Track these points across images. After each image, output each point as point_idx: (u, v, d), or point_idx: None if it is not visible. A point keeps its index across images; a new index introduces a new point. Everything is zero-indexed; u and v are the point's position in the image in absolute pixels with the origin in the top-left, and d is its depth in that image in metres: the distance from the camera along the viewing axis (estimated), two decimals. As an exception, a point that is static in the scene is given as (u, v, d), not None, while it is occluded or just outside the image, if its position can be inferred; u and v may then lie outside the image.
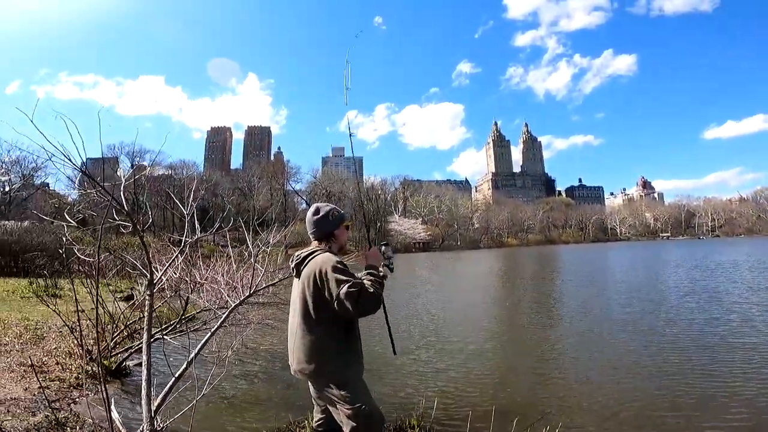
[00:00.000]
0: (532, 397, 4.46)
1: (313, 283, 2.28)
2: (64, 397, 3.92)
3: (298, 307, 2.37)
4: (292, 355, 2.41)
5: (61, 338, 6.38)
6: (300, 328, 2.35)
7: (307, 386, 4.63)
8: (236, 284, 3.85)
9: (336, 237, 2.53)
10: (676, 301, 10.35)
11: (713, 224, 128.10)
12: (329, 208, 2.54)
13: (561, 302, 11.37)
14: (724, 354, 5.81)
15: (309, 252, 2.43)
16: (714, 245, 53.75)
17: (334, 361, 2.31)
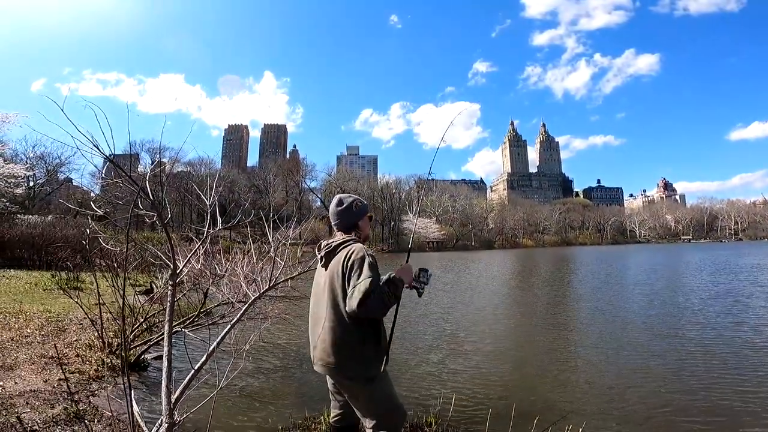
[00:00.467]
0: (551, 399, 4.37)
1: (342, 272, 2.22)
2: (84, 390, 3.94)
3: (326, 298, 2.29)
4: (316, 347, 2.33)
5: (81, 330, 6.48)
6: (327, 319, 2.27)
7: (322, 382, 4.59)
8: (256, 277, 3.80)
9: (360, 228, 2.48)
10: (700, 304, 10.00)
11: (736, 227, 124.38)
12: (352, 198, 2.48)
13: (579, 304, 11.09)
14: (752, 359, 5.62)
15: (342, 241, 2.36)
16: (737, 248, 52.08)
17: (362, 354, 2.23)
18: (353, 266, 2.17)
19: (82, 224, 16.94)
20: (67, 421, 3.19)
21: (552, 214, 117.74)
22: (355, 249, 2.26)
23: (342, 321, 2.22)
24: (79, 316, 7.56)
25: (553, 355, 6.15)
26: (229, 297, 4.26)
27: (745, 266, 21.46)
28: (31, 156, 51.50)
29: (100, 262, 9.25)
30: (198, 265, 3.95)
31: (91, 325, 6.38)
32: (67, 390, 3.69)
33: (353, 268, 2.17)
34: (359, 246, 2.30)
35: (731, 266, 21.63)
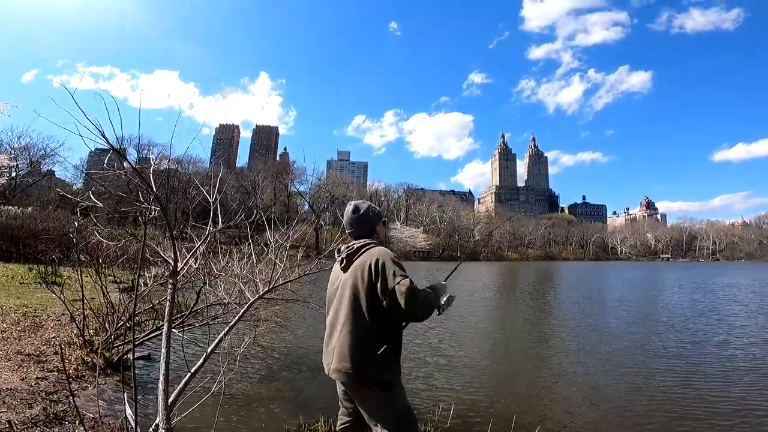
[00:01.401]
0: (549, 410, 4.37)
1: (368, 275, 2.15)
2: (63, 389, 3.71)
3: (346, 302, 2.21)
4: (333, 352, 2.23)
5: (60, 327, 6.20)
6: (347, 324, 2.19)
7: (317, 388, 4.45)
8: (255, 279, 3.67)
9: (377, 233, 2.43)
10: (685, 323, 10.13)
11: (714, 248, 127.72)
12: (367, 205, 2.45)
13: (571, 321, 11.04)
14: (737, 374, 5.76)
15: (363, 243, 2.30)
16: (715, 268, 53.63)
17: (382, 361, 2.15)
18: (384, 269, 2.12)
19: (64, 217, 16.41)
20: (47, 422, 2.99)
21: (537, 229, 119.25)
22: (380, 251, 2.21)
23: (364, 326, 2.15)
24: (57, 311, 7.26)
25: (549, 368, 6.14)
26: (225, 297, 4.11)
27: (724, 285, 22.32)
28: (16, 147, 50.11)
29: (82, 257, 8.94)
30: (196, 264, 3.79)
31: (70, 322, 6.12)
32: (44, 390, 3.49)
33: (384, 270, 2.12)
34: (383, 249, 2.25)
35: (710, 285, 22.28)
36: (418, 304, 2.07)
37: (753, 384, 5.34)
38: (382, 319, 2.16)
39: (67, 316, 6.58)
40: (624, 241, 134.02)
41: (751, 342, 7.93)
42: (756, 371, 5.93)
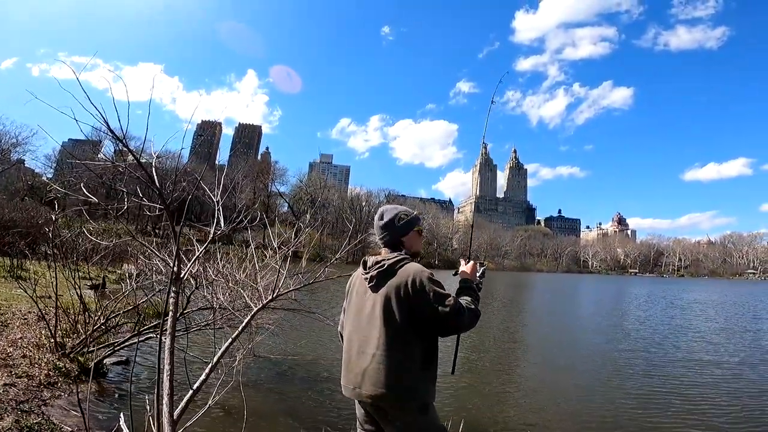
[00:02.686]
0: (559, 419, 4.41)
1: (404, 295, 1.98)
2: (34, 398, 3.38)
3: (379, 325, 2.03)
4: (364, 376, 2.04)
5: (26, 326, 5.75)
6: (384, 349, 2.00)
7: (316, 401, 4.24)
8: (258, 287, 3.45)
9: (404, 244, 2.20)
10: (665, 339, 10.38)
11: (680, 264, 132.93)
12: (396, 211, 2.21)
13: (560, 334, 11.17)
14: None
15: (396, 260, 2.10)
16: (680, 284, 56.12)
17: (421, 383, 2.00)
18: (422, 289, 1.97)
19: (32, 207, 15.54)
20: (20, 437, 2.69)
21: (514, 240, 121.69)
22: (414, 271, 2.03)
23: (404, 351, 1.99)
24: (23, 309, 6.78)
25: (549, 376, 6.22)
26: (219, 302, 3.86)
27: (693, 301, 23.46)
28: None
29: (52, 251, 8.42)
30: (195, 267, 3.55)
31: (38, 321, 5.69)
32: (16, 398, 3.15)
33: (425, 292, 1.97)
34: (416, 266, 2.06)
35: (682, 301, 23.20)
36: (464, 322, 1.98)
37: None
38: (422, 341, 2.02)
39: (33, 314, 6.14)
40: (595, 255, 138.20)
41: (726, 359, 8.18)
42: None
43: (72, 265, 6.50)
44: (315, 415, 4.00)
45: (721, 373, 6.68)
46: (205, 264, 4.07)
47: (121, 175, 54.46)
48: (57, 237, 6.06)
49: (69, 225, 9.29)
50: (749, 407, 5.02)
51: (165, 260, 2.75)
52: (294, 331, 7.49)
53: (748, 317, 14.21)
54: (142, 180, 2.29)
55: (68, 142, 53.02)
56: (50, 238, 5.49)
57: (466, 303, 2.05)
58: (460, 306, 1.97)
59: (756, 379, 6.38)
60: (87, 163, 11.63)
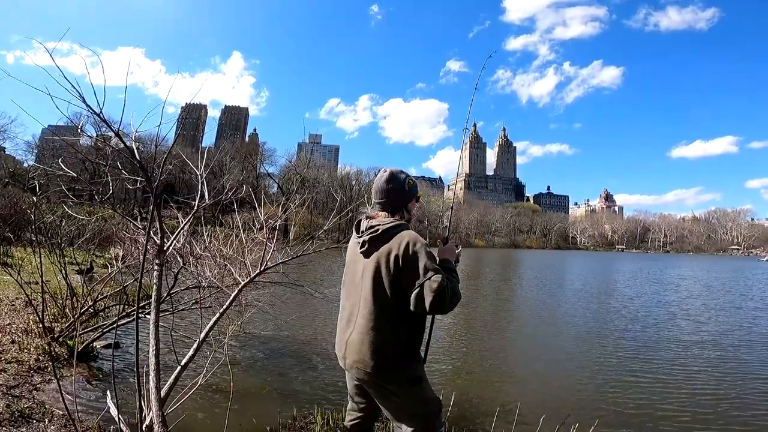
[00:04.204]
0: (554, 399, 4.42)
1: (394, 262, 1.90)
2: (25, 383, 3.37)
3: (368, 292, 1.96)
4: (351, 345, 2.00)
5: (14, 312, 5.70)
6: (368, 316, 1.95)
7: (310, 377, 4.28)
8: (245, 260, 3.43)
9: (408, 210, 2.14)
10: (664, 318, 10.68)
11: (665, 240, 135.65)
12: (405, 175, 2.12)
13: (567, 311, 11.17)
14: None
15: (391, 225, 1.99)
16: (667, 260, 57.44)
17: (408, 356, 1.97)
18: (415, 258, 1.87)
19: (15, 194, 15.18)
20: (12, 420, 2.67)
21: (504, 217, 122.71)
22: (410, 237, 1.94)
23: (388, 317, 1.93)
24: (10, 295, 6.69)
25: (545, 356, 6.22)
26: (207, 280, 3.82)
27: (683, 277, 24.09)
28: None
29: (35, 236, 8.27)
30: (180, 242, 3.50)
31: (26, 307, 5.64)
32: (7, 383, 3.14)
33: (415, 260, 1.87)
34: (413, 234, 1.98)
35: (670, 278, 23.72)
36: (446, 302, 1.84)
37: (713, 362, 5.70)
38: (409, 314, 1.93)
39: (21, 300, 6.07)
40: (583, 232, 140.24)
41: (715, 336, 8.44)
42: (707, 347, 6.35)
43: (57, 249, 6.40)
44: (307, 392, 4.04)
45: (711, 352, 6.74)
46: (191, 240, 4.02)
47: (105, 158, 52.85)
48: (39, 221, 5.94)
49: (53, 210, 9.09)
50: (737, 383, 5.10)
51: (145, 232, 2.72)
52: (285, 307, 7.50)
53: (736, 295, 14.47)
54: (124, 154, 2.24)
55: (48, 128, 51.49)
56: (32, 222, 5.36)
57: (454, 284, 1.95)
58: (447, 284, 1.86)
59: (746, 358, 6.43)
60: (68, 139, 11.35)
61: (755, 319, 9.76)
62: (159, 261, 2.31)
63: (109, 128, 2.08)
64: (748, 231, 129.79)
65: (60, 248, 6.40)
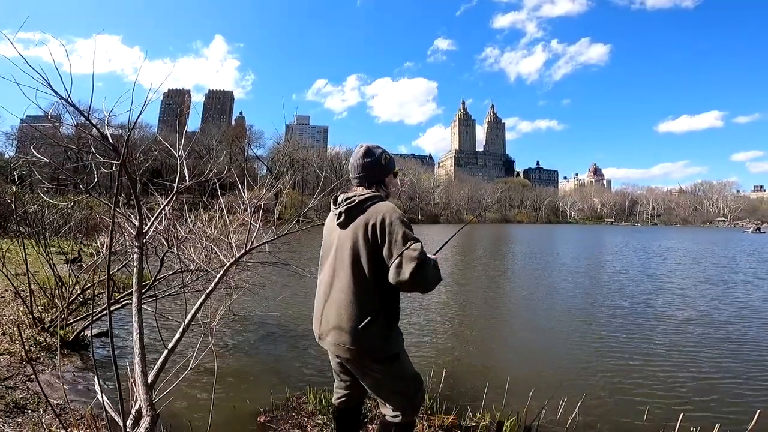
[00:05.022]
0: (543, 374, 4.46)
1: (372, 234, 1.87)
2: (18, 374, 3.38)
3: (344, 265, 1.94)
4: (327, 321, 1.98)
5: (4, 304, 5.66)
6: (345, 290, 1.93)
7: (300, 358, 4.33)
8: (230, 240, 3.42)
9: (386, 185, 2.12)
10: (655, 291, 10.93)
11: (653, 212, 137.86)
12: (381, 150, 2.11)
13: (555, 287, 11.20)
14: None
15: (368, 196, 1.98)
16: (654, 232, 58.55)
17: (386, 332, 1.95)
18: (392, 229, 1.84)
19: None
20: (8, 411, 2.69)
21: (494, 193, 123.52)
22: (388, 208, 1.92)
23: (364, 291, 1.90)
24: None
25: (533, 331, 6.26)
26: (194, 263, 3.82)
27: (671, 249, 24.92)
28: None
29: (22, 228, 8.14)
30: (162, 225, 3.48)
31: (15, 299, 5.59)
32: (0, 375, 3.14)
33: (392, 231, 1.84)
34: (390, 205, 1.95)
35: (658, 250, 24.39)
36: (427, 273, 1.80)
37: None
38: (386, 286, 1.90)
39: (9, 292, 6.01)
40: (573, 205, 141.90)
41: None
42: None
43: (42, 239, 6.33)
44: (299, 373, 4.10)
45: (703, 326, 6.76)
46: (175, 223, 4.00)
47: (87, 146, 51.76)
48: (21, 210, 5.83)
49: (35, 200, 8.93)
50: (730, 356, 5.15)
51: (127, 216, 2.70)
52: (275, 289, 7.54)
53: (726, 269, 14.48)
54: (102, 141, 2.20)
55: (27, 119, 50.16)
56: (14, 212, 5.27)
57: (434, 262, 1.91)
58: (427, 258, 1.83)
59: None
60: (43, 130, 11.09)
61: (745, 293, 9.64)
62: (139, 244, 2.30)
63: (78, 112, 2.03)
64: (734, 203, 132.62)
65: (45, 238, 6.33)
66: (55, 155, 31.39)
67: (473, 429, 2.93)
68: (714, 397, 3.88)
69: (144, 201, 4.87)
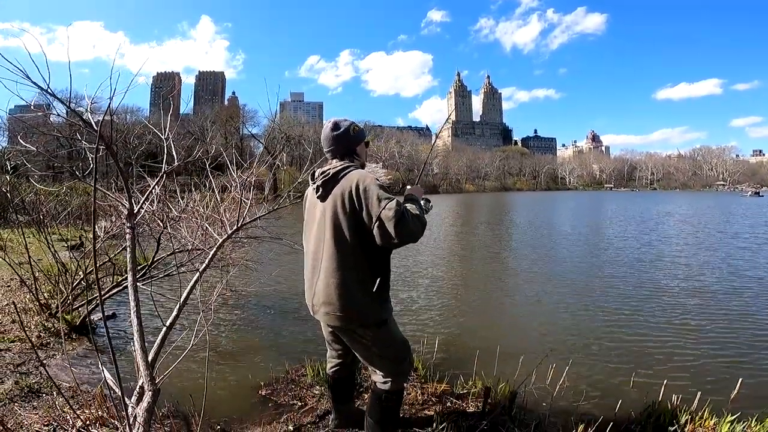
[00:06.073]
0: (532, 340, 4.60)
1: (349, 202, 1.94)
2: (30, 360, 3.54)
3: (327, 235, 2.01)
4: (315, 291, 2.07)
5: (10, 293, 5.81)
6: (331, 259, 1.99)
7: (297, 331, 4.46)
8: (222, 218, 3.50)
9: (358, 155, 2.19)
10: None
11: (652, 178, 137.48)
12: (349, 122, 2.18)
13: (547, 255, 11.28)
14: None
15: (341, 167, 2.05)
16: (655, 197, 58.62)
17: (373, 298, 2.00)
18: (366, 194, 1.90)
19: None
20: (23, 396, 2.86)
21: (492, 161, 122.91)
22: (360, 175, 1.98)
23: (352, 262, 1.97)
24: (4, 276, 6.75)
25: (526, 300, 6.37)
26: (193, 242, 3.90)
27: (670, 214, 24.71)
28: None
29: (21, 217, 8.22)
30: (154, 205, 3.57)
31: (21, 287, 5.73)
32: (13, 361, 3.31)
33: (367, 196, 1.90)
34: (362, 171, 2.03)
35: (657, 216, 24.69)
36: (409, 225, 1.84)
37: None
38: (371, 252, 1.97)
39: (15, 280, 6.15)
40: (572, 172, 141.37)
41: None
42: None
43: (42, 227, 6.41)
44: (297, 346, 4.24)
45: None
46: (168, 204, 4.08)
47: (80, 134, 50.88)
48: (18, 199, 5.89)
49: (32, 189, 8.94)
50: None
51: (118, 199, 2.79)
52: (271, 264, 7.62)
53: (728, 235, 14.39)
54: (86, 128, 2.25)
55: (15, 109, 49.35)
56: (10, 201, 5.34)
57: (411, 209, 1.97)
58: (405, 210, 1.89)
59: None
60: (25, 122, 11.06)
61: (742, 261, 9.50)
62: (130, 224, 2.39)
63: (57, 100, 2.07)
64: (733, 167, 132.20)
65: (44, 225, 6.42)
66: (47, 143, 31.07)
67: (465, 396, 3.06)
68: (699, 363, 3.97)
69: (140, 185, 4.94)
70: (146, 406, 2.02)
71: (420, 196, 2.18)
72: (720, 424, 2.59)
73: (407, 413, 2.77)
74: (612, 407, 2.78)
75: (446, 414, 2.74)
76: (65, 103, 2.17)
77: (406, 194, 2.15)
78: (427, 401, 2.97)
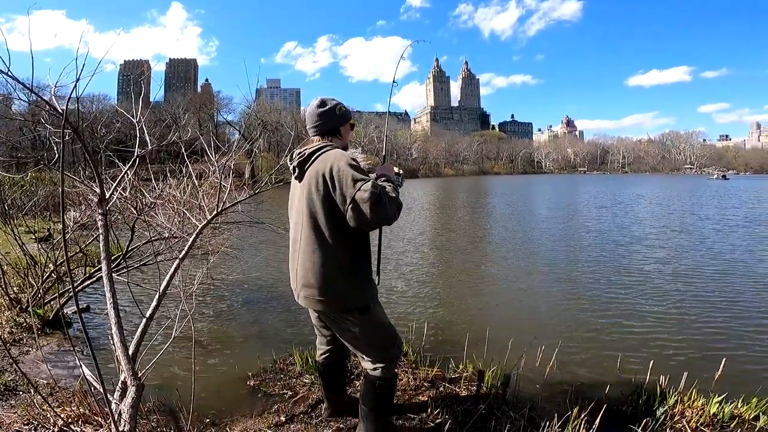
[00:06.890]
0: (521, 324, 4.64)
1: (323, 184, 1.87)
2: (3, 357, 3.36)
3: (304, 218, 1.94)
4: (297, 276, 2.01)
5: (-24, 288, 5.49)
6: (307, 242, 1.93)
7: (283, 319, 4.38)
8: (200, 203, 3.36)
9: (341, 135, 2.13)
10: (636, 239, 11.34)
11: (624, 161, 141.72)
12: (336, 101, 2.12)
13: (533, 238, 11.47)
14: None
15: (316, 147, 1.99)
16: (625, 180, 60.35)
17: (353, 282, 1.95)
18: (340, 175, 1.82)
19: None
20: (0, 394, 2.72)
21: (471, 146, 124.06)
22: (333, 155, 1.92)
23: (326, 241, 1.90)
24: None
25: (514, 284, 6.41)
26: (170, 228, 3.74)
27: (641, 196, 25.31)
28: None
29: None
30: (126, 192, 3.40)
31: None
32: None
33: (341, 176, 1.82)
34: (337, 151, 1.95)
35: (629, 199, 24.99)
36: (386, 207, 1.77)
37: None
38: (349, 234, 1.91)
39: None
40: (548, 156, 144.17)
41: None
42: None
43: (8, 219, 6.08)
44: (284, 334, 4.17)
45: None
46: (141, 189, 3.91)
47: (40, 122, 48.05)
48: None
49: None
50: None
51: (91, 187, 2.64)
52: (252, 250, 7.51)
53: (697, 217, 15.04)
54: (52, 114, 2.11)
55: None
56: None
57: (389, 191, 1.90)
58: (382, 190, 1.81)
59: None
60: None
61: (713, 242, 9.88)
62: (102, 210, 2.26)
63: (18, 82, 1.93)
64: (701, 151, 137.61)
65: (10, 217, 6.08)
66: (10, 134, 29.56)
67: (457, 380, 3.06)
68: (683, 346, 4.05)
69: (110, 171, 4.70)
70: (131, 402, 1.93)
71: (392, 174, 2.12)
72: (708, 405, 2.65)
73: (400, 399, 2.75)
74: (601, 388, 2.83)
75: (440, 399, 2.74)
76: (28, 87, 2.01)
77: (377, 173, 2.08)
78: (419, 386, 2.95)
